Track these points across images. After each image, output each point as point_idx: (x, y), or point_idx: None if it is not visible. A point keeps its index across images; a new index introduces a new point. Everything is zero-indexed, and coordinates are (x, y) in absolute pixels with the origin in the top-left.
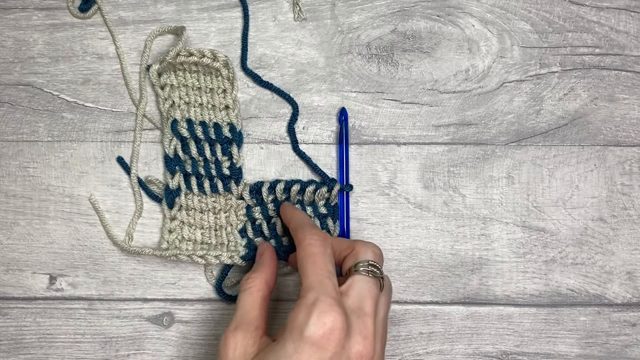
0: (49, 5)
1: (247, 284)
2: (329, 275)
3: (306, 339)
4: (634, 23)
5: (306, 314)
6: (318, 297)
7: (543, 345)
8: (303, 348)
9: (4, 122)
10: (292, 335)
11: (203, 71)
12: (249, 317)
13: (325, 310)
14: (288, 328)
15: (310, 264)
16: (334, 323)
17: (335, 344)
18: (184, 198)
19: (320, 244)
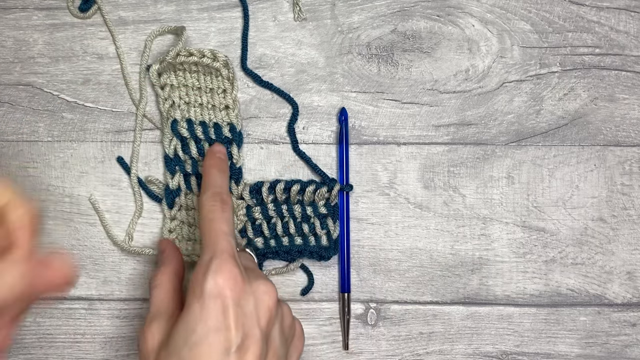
0: (49, 5)
1: (156, 281)
2: (224, 236)
3: (208, 293)
4: (634, 23)
5: (204, 273)
6: (213, 255)
7: (543, 345)
8: (207, 303)
9: (4, 122)
10: (195, 294)
11: (203, 71)
12: (162, 308)
13: (221, 264)
14: (190, 290)
15: (206, 229)
16: (229, 274)
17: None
18: (184, 198)
19: (219, 208)
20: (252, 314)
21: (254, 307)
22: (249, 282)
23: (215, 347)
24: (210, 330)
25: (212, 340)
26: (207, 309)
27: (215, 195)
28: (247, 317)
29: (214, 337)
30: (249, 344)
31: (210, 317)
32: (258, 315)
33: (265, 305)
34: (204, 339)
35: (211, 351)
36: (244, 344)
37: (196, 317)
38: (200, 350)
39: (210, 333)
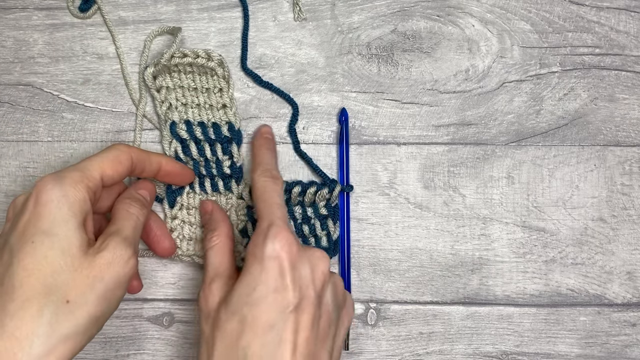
0: (49, 5)
1: (212, 242)
2: (278, 206)
3: (267, 256)
4: (634, 23)
5: (263, 237)
6: (271, 223)
7: (543, 345)
8: (266, 265)
9: (4, 122)
10: (255, 258)
11: (198, 71)
12: (221, 270)
13: (278, 231)
14: (250, 254)
15: (261, 201)
16: (286, 239)
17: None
18: (185, 197)
19: (271, 182)
20: (308, 277)
21: (310, 270)
22: (304, 248)
23: (274, 306)
24: (269, 290)
25: (271, 299)
26: (266, 270)
27: (266, 172)
28: (303, 279)
29: (273, 296)
30: (305, 304)
31: (270, 278)
32: (313, 278)
33: (320, 270)
34: (263, 298)
35: (270, 309)
36: (300, 304)
37: (256, 278)
38: (260, 309)
39: (269, 293)
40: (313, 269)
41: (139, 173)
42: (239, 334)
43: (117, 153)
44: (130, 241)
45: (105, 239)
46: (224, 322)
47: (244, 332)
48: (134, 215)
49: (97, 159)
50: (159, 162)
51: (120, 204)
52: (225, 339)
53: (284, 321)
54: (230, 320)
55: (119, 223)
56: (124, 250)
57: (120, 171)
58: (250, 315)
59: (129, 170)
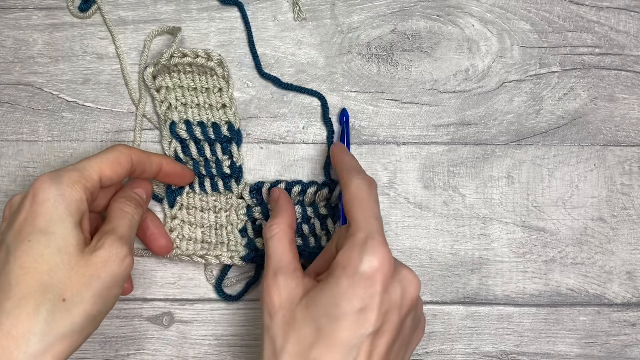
0: (49, 5)
1: (273, 231)
2: (376, 217)
3: (361, 274)
4: (634, 23)
5: (359, 252)
6: (368, 236)
7: (543, 345)
8: (358, 283)
9: (4, 122)
10: (346, 272)
11: (198, 71)
12: (285, 261)
13: (376, 247)
14: (340, 266)
15: (357, 207)
16: (385, 259)
17: (388, 276)
18: (185, 197)
19: (366, 187)
20: (397, 302)
21: (400, 295)
22: (398, 269)
23: (355, 326)
24: (354, 309)
25: (354, 319)
26: (356, 288)
27: (360, 174)
28: (392, 304)
29: (356, 316)
30: (386, 329)
31: (358, 297)
32: (401, 304)
33: (410, 296)
34: (346, 316)
35: (350, 328)
36: (382, 329)
37: (343, 293)
38: (340, 326)
39: (354, 312)
40: (404, 294)
41: (139, 174)
42: (313, 343)
43: (117, 155)
44: (126, 240)
45: (101, 237)
46: (299, 325)
47: (318, 343)
48: (129, 215)
49: (97, 160)
50: (160, 163)
51: (116, 203)
52: (298, 343)
53: (362, 343)
54: (307, 327)
55: (115, 222)
56: (120, 248)
57: (119, 173)
58: (328, 328)
59: (128, 172)
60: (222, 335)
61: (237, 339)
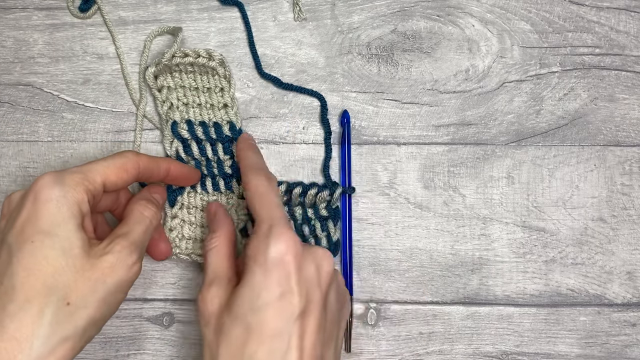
0: (49, 5)
1: (211, 244)
2: (277, 206)
3: (271, 260)
4: (634, 23)
5: (265, 241)
6: (272, 225)
7: (543, 345)
8: (270, 269)
9: (4, 122)
10: (257, 262)
11: (199, 71)
12: (221, 272)
13: (281, 232)
14: (251, 258)
15: (257, 201)
16: (290, 241)
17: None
18: (186, 196)
19: (265, 182)
20: (314, 278)
21: (315, 271)
22: (308, 247)
23: (280, 312)
24: (274, 295)
25: (277, 306)
26: (270, 275)
27: (259, 171)
28: (309, 281)
29: (278, 302)
30: (311, 308)
31: (274, 283)
32: (319, 279)
33: (325, 270)
34: (269, 304)
35: (276, 316)
36: (307, 308)
37: (260, 283)
38: (266, 315)
39: (275, 299)
40: (318, 269)
41: (146, 180)
42: (244, 341)
43: (124, 161)
44: (137, 245)
45: (111, 240)
46: (228, 328)
47: (250, 339)
48: (148, 219)
49: (103, 164)
50: (167, 168)
51: (136, 205)
52: (230, 346)
53: (291, 327)
54: (235, 327)
55: (131, 226)
56: (128, 255)
57: (125, 179)
58: (255, 321)
59: (134, 178)
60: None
61: None
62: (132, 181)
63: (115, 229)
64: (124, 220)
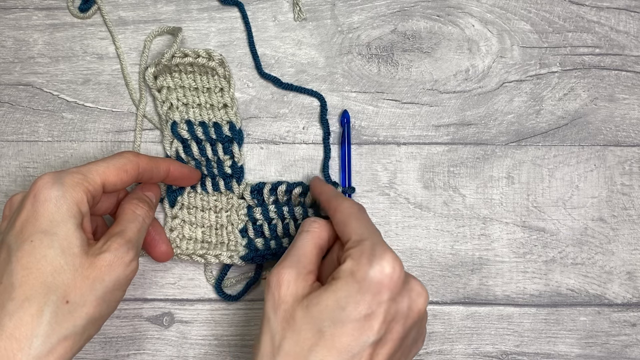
0: (49, 5)
1: (312, 227)
2: (375, 229)
3: (370, 279)
4: (634, 23)
5: (368, 258)
6: (375, 243)
7: (543, 345)
8: (367, 289)
9: (4, 122)
10: (355, 277)
11: (199, 71)
12: (306, 259)
13: (385, 251)
14: (349, 271)
15: (355, 221)
16: (395, 262)
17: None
18: (186, 196)
19: (357, 205)
20: (403, 312)
21: (407, 307)
22: (407, 279)
23: (357, 333)
24: (359, 315)
25: (358, 325)
26: (363, 294)
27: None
28: (398, 314)
29: (361, 322)
30: (388, 339)
31: (365, 302)
32: (407, 315)
33: (417, 308)
34: (350, 321)
35: (353, 334)
36: (385, 337)
37: (350, 297)
38: (343, 331)
39: (359, 318)
40: (411, 305)
41: (146, 181)
42: (313, 345)
43: (124, 162)
44: (133, 243)
45: (107, 239)
46: (299, 325)
47: (318, 346)
48: (140, 217)
49: (103, 165)
50: (167, 169)
51: (127, 204)
52: (297, 342)
53: (362, 350)
54: (308, 327)
55: (124, 224)
56: (125, 252)
57: (124, 180)
58: (330, 331)
59: (134, 179)
60: (222, 335)
61: (237, 339)
62: (132, 182)
63: (110, 229)
64: (117, 220)
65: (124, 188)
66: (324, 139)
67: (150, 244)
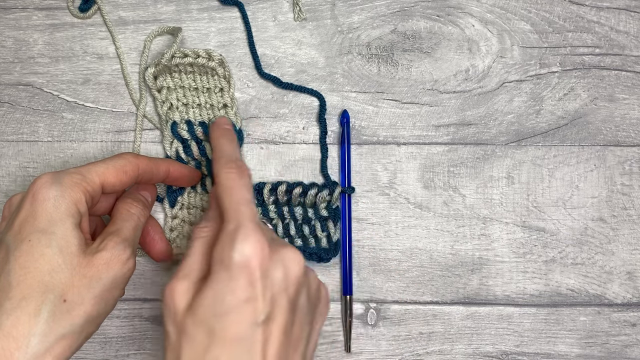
0: (49, 5)
1: (201, 233)
2: (247, 203)
3: (236, 263)
4: (634, 23)
5: (230, 243)
6: (238, 225)
7: (543, 345)
8: (235, 273)
9: (4, 122)
10: (222, 264)
11: (199, 71)
12: (198, 269)
13: (247, 234)
14: (217, 260)
15: (227, 196)
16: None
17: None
18: (186, 196)
19: (236, 175)
20: (281, 283)
21: (283, 276)
22: (276, 250)
23: (243, 318)
24: (239, 301)
25: (241, 311)
26: (235, 279)
27: (230, 162)
28: (275, 286)
29: (242, 307)
30: (276, 313)
31: (239, 287)
32: (287, 284)
33: (294, 274)
34: (233, 310)
35: (239, 321)
36: (271, 314)
37: (224, 287)
38: (230, 320)
39: (239, 304)
40: (286, 273)
41: (146, 181)
42: (207, 346)
43: (124, 163)
44: (129, 242)
45: (104, 238)
46: (191, 331)
47: (212, 345)
48: (135, 216)
49: (102, 165)
50: (167, 170)
51: (122, 203)
52: (193, 349)
53: (254, 333)
54: (198, 331)
55: (119, 223)
56: (122, 250)
57: (124, 181)
58: (218, 326)
59: (133, 180)
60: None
61: None
62: (132, 183)
63: (106, 228)
64: (113, 219)
65: (123, 189)
66: (321, 138)
67: (149, 244)
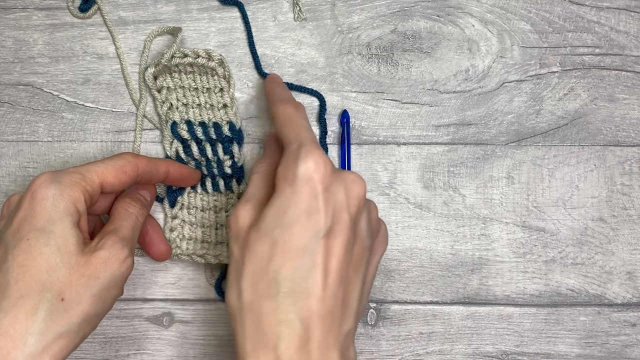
0: (49, 5)
1: (259, 167)
2: (306, 129)
3: (300, 177)
4: (634, 23)
5: (294, 160)
6: (301, 144)
7: (543, 345)
8: (299, 187)
9: (4, 122)
10: (286, 180)
11: (199, 71)
12: (260, 195)
13: (310, 151)
14: (281, 177)
15: (286, 125)
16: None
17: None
18: (186, 197)
19: (292, 109)
20: (342, 200)
21: (344, 194)
22: (338, 171)
23: (306, 229)
24: (302, 212)
25: (303, 222)
26: (298, 192)
27: (286, 101)
28: (337, 203)
29: (305, 219)
30: (338, 229)
31: (302, 200)
32: (348, 202)
33: (355, 194)
34: (295, 221)
35: (302, 232)
36: (333, 228)
37: (288, 200)
38: (292, 231)
39: (302, 215)
40: (348, 192)
41: (146, 182)
42: (270, 256)
43: (123, 163)
44: (127, 241)
45: (102, 237)
46: (254, 244)
47: (275, 255)
48: (133, 215)
49: (101, 166)
50: (166, 170)
51: (120, 202)
52: (255, 260)
53: (316, 245)
54: (261, 243)
55: (117, 222)
56: (120, 249)
57: (123, 181)
58: (281, 238)
59: (133, 180)
60: (222, 335)
61: None
62: (131, 183)
63: (104, 227)
64: (111, 219)
65: (122, 189)
66: (321, 138)
67: (149, 244)
